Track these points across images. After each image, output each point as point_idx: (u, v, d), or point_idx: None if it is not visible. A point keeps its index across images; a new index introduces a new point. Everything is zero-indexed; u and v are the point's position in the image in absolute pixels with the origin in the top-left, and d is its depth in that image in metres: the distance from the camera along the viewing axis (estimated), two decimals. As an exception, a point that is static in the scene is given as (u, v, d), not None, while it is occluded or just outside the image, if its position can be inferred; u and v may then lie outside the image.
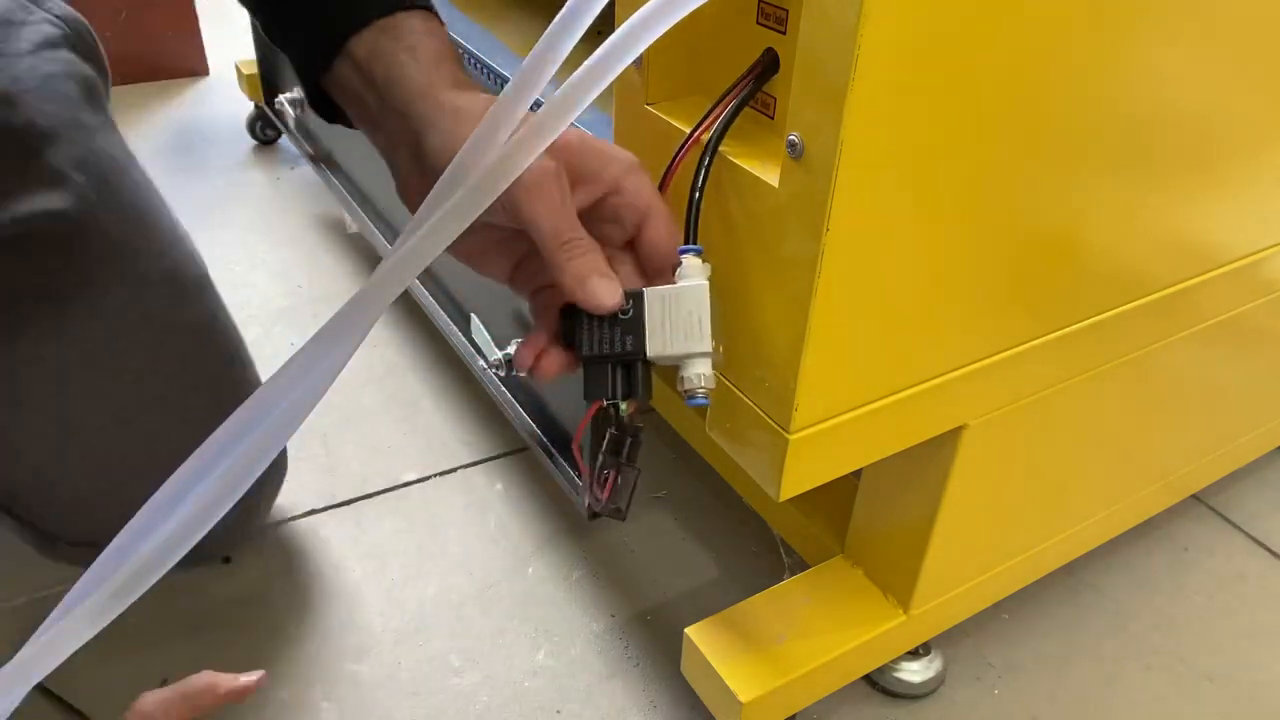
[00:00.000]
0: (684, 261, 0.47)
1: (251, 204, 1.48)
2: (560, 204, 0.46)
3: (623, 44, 0.42)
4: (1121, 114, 0.53)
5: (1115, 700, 0.80)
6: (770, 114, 0.51)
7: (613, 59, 0.42)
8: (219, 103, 1.74)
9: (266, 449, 0.41)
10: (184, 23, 1.78)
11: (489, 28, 0.90)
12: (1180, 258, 0.66)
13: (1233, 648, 0.85)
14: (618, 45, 0.42)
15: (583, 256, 0.46)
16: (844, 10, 0.40)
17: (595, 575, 0.90)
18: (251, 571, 0.89)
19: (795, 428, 0.52)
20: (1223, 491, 1.00)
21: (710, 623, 0.71)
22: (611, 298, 0.46)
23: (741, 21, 0.50)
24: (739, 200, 0.50)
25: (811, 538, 0.80)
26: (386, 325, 1.22)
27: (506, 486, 0.98)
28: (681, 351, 0.46)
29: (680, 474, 1.01)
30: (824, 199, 0.44)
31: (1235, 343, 0.79)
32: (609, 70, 0.42)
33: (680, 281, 0.47)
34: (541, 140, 0.43)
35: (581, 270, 0.46)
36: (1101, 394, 0.70)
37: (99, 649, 0.44)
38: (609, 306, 0.46)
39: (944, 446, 0.63)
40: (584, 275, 0.46)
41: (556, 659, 0.82)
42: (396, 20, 0.50)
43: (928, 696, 0.80)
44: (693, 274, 0.47)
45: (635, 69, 0.54)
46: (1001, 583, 0.80)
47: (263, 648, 0.82)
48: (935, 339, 0.55)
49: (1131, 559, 0.92)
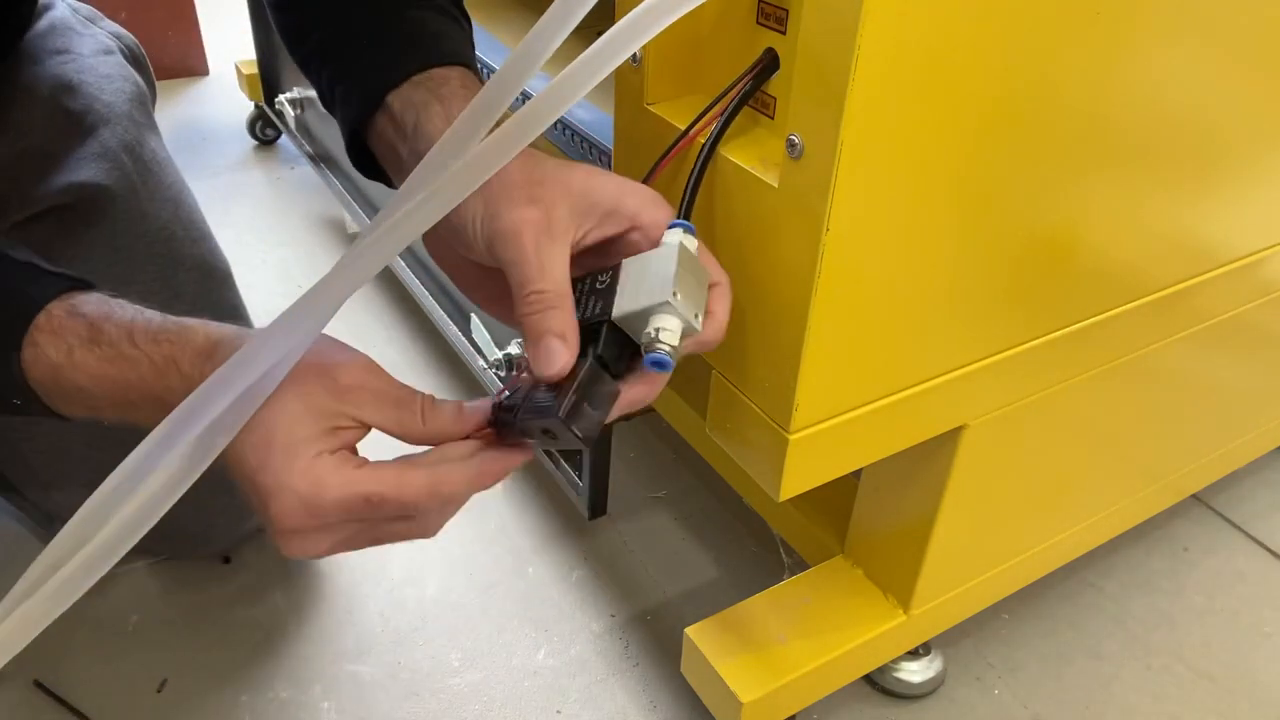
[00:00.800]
0: (667, 232, 0.46)
1: (251, 204, 1.48)
2: (533, 253, 0.44)
3: (617, 41, 0.41)
4: (1121, 114, 0.53)
5: (1115, 700, 0.80)
6: (770, 114, 0.51)
7: (603, 58, 0.41)
8: (219, 103, 1.74)
9: (233, 424, 0.42)
10: (184, 23, 1.78)
11: (488, 28, 0.90)
12: (1180, 258, 0.66)
13: (1233, 648, 0.85)
14: (609, 44, 0.41)
15: (543, 312, 0.44)
16: (844, 10, 0.40)
17: (595, 575, 0.90)
18: (251, 571, 0.89)
19: (795, 428, 0.52)
20: (1223, 491, 1.00)
21: (710, 623, 0.71)
22: (554, 365, 0.43)
23: (741, 21, 0.50)
24: (739, 200, 0.50)
25: (811, 538, 0.80)
26: (386, 325, 1.22)
27: (506, 486, 0.98)
28: (644, 305, 0.43)
29: (680, 474, 1.01)
30: (824, 199, 0.44)
31: (1235, 343, 0.79)
32: (601, 68, 0.41)
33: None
34: (533, 127, 0.41)
35: (538, 327, 0.44)
36: (1101, 394, 0.70)
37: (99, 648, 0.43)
38: (550, 374, 0.43)
39: (944, 446, 0.63)
40: (540, 333, 0.44)
41: (556, 659, 0.82)
42: (432, 74, 0.51)
43: (928, 696, 0.80)
44: (670, 240, 0.45)
45: (635, 68, 0.54)
46: (1001, 583, 0.80)
47: (263, 648, 0.82)
48: (935, 339, 0.55)
49: (1131, 559, 0.92)
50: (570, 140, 0.74)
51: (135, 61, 0.85)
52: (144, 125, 0.80)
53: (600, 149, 0.71)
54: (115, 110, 0.77)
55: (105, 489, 0.41)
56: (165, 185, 0.79)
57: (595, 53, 0.41)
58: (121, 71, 0.80)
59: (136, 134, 0.78)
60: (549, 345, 0.44)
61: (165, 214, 0.78)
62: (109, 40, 0.82)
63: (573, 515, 0.95)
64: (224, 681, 0.79)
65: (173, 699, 0.78)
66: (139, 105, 0.80)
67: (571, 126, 0.74)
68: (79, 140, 0.74)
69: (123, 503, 0.41)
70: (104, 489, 0.41)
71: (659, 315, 0.43)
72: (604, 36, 0.41)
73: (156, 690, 0.79)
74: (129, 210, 0.75)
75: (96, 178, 0.73)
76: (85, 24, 0.82)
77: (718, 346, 0.47)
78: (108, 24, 0.85)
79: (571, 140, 0.74)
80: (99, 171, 0.73)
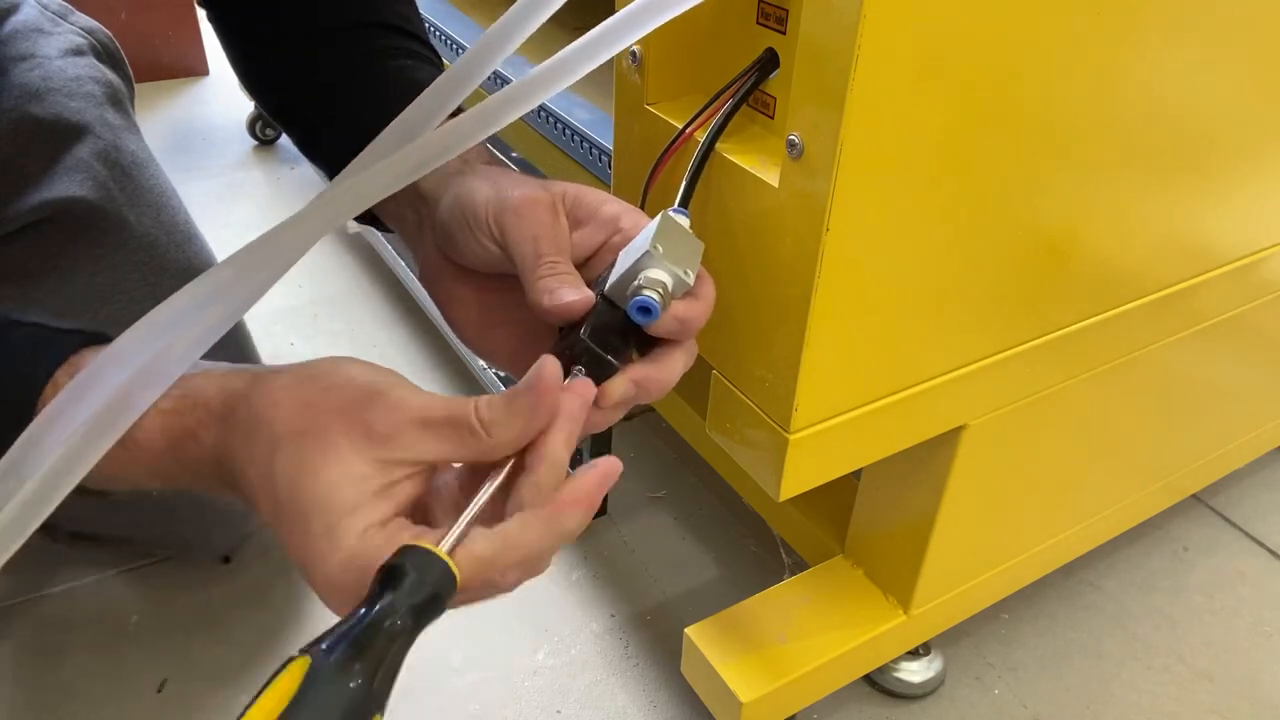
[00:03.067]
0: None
1: (251, 204, 1.48)
2: (548, 228, 0.44)
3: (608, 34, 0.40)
4: (1122, 114, 0.53)
5: (1115, 700, 0.80)
6: (770, 114, 0.51)
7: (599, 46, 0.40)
8: (219, 103, 1.74)
9: (168, 372, 0.38)
10: (184, 23, 1.78)
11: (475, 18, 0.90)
12: (1180, 258, 0.66)
13: (1233, 648, 0.85)
14: (598, 38, 0.40)
15: (556, 275, 0.43)
16: (844, 10, 0.40)
17: (595, 575, 0.90)
18: (251, 571, 0.89)
19: (795, 428, 0.52)
20: (1223, 491, 1.00)
21: (710, 623, 0.71)
22: (576, 293, 0.42)
23: (741, 21, 0.50)
24: (738, 200, 0.50)
25: (811, 538, 0.80)
26: (386, 325, 1.22)
27: (506, 486, 0.98)
28: (629, 264, 0.43)
29: (680, 474, 1.01)
30: (824, 199, 0.44)
31: (1235, 343, 0.79)
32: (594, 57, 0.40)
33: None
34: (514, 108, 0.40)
35: (552, 284, 0.43)
36: (1101, 394, 0.70)
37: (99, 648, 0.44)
38: (578, 307, 0.42)
39: (944, 446, 0.63)
40: (554, 287, 0.43)
41: (556, 659, 0.82)
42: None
43: (928, 696, 0.80)
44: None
45: (635, 69, 0.54)
46: (1001, 583, 0.80)
47: (263, 648, 0.82)
48: (935, 339, 0.55)
49: (1131, 559, 0.92)
50: (570, 140, 0.74)
51: (109, 57, 0.81)
52: (120, 127, 0.77)
53: (600, 149, 0.71)
54: (87, 116, 0.74)
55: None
56: (145, 189, 0.77)
57: (588, 41, 0.40)
58: (92, 72, 0.77)
59: (112, 138, 0.75)
60: (564, 291, 0.42)
61: (147, 220, 0.76)
62: (79, 37, 0.79)
63: (573, 515, 0.95)
64: (224, 681, 0.79)
65: (173, 699, 0.78)
66: (114, 106, 0.77)
67: (571, 126, 0.74)
68: (50, 153, 0.71)
69: None
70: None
71: (644, 270, 0.43)
72: (600, 26, 0.40)
73: (156, 690, 0.79)
74: (108, 220, 0.73)
75: (72, 191, 0.70)
76: (54, 21, 0.79)
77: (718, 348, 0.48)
78: (79, 18, 0.81)
79: (571, 140, 0.74)
80: (74, 185, 0.71)
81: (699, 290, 0.44)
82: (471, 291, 0.49)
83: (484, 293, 0.49)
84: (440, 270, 0.50)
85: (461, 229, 0.47)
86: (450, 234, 0.47)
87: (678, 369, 0.45)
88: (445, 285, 0.51)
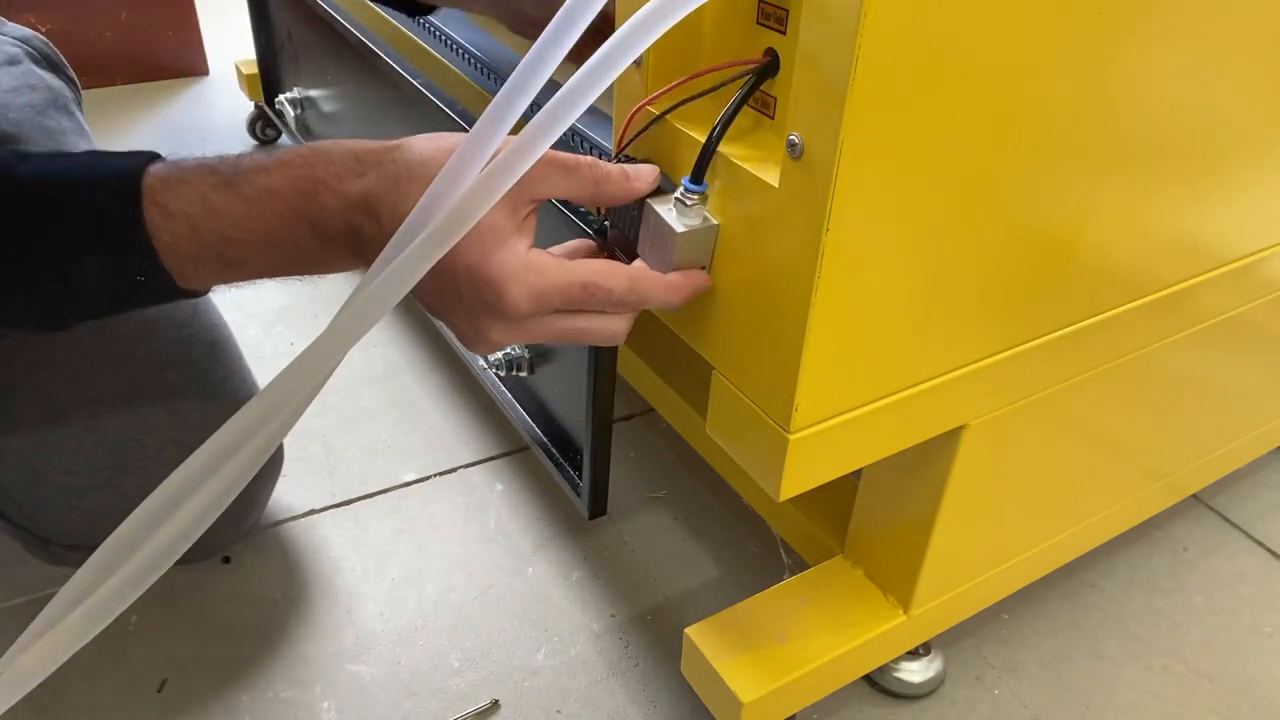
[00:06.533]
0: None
1: (251, 204, 1.47)
2: (574, 159, 0.49)
3: (622, 44, 0.42)
4: (1122, 114, 0.53)
5: (1115, 700, 0.80)
6: (770, 114, 0.51)
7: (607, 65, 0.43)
8: (219, 103, 1.74)
9: (233, 485, 0.46)
10: (184, 23, 1.78)
11: (488, 29, 0.90)
12: (1180, 258, 0.66)
13: (1232, 648, 0.85)
14: (612, 50, 0.43)
15: (609, 166, 0.50)
16: (844, 10, 0.40)
17: (595, 575, 0.90)
18: (251, 571, 0.89)
19: (795, 428, 0.52)
20: (1223, 491, 1.00)
21: (710, 623, 0.71)
22: (651, 172, 0.51)
23: (741, 21, 0.50)
24: (738, 200, 0.50)
25: (811, 538, 0.80)
26: (386, 325, 1.22)
27: (506, 486, 0.98)
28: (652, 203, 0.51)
29: (680, 474, 1.01)
30: (824, 199, 0.44)
31: (1235, 343, 0.79)
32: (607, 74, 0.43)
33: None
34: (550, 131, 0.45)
35: (616, 171, 0.50)
36: (1101, 394, 0.70)
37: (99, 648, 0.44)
38: (651, 177, 0.51)
39: (944, 446, 0.63)
40: (620, 173, 0.50)
41: (556, 659, 0.82)
42: None
43: (928, 696, 0.80)
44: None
45: (636, 69, 0.54)
46: (1001, 583, 0.80)
47: (263, 648, 0.82)
48: (935, 339, 0.55)
49: (1131, 559, 0.92)
50: (570, 140, 0.74)
51: (47, 62, 0.81)
52: (61, 131, 0.76)
53: (600, 149, 0.71)
54: (25, 128, 0.73)
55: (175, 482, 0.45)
56: None
57: (598, 61, 0.42)
58: (28, 80, 0.76)
59: (55, 146, 0.74)
60: (636, 170, 0.50)
61: None
62: (12, 47, 0.78)
63: (573, 515, 0.95)
64: (224, 681, 0.79)
65: (173, 699, 0.78)
66: (56, 112, 0.77)
67: (571, 126, 0.74)
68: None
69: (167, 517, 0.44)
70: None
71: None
72: (606, 43, 0.42)
73: (156, 690, 0.79)
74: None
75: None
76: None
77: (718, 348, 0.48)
78: (11, 28, 0.80)
79: (571, 140, 0.74)
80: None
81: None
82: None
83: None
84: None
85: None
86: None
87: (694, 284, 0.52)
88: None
